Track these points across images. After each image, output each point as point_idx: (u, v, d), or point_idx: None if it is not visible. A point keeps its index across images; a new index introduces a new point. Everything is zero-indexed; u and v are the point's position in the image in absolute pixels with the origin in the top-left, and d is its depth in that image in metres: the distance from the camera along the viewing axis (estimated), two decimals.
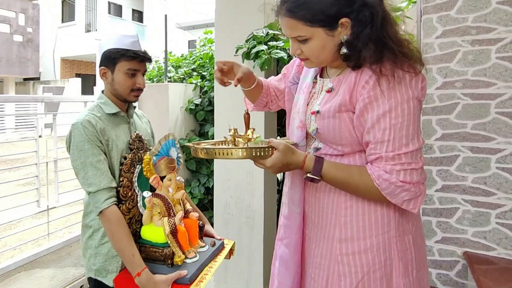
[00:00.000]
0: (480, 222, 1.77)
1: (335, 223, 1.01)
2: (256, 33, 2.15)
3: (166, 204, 1.27)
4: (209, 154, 0.97)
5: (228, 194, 2.41)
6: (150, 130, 1.60)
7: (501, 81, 1.73)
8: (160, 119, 2.83)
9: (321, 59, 1.00)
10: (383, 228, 0.96)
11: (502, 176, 1.73)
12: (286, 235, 1.12)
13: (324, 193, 1.03)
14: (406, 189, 0.88)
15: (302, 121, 1.07)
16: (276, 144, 0.97)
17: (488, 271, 1.63)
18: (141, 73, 1.39)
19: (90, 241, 1.32)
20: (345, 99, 0.95)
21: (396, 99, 0.88)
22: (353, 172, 0.95)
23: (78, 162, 1.27)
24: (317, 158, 0.97)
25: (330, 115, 0.97)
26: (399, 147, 0.88)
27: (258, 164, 1.00)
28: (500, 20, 1.72)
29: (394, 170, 0.88)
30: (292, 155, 0.97)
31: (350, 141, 0.97)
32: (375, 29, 0.91)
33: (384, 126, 0.89)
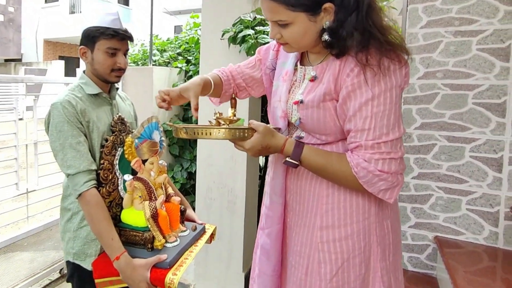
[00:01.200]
0: (451, 208, 1.80)
1: (316, 211, 0.98)
2: (243, 17, 2.09)
3: (148, 188, 1.23)
4: (189, 134, 0.94)
5: (211, 179, 2.36)
6: (133, 113, 1.54)
7: (480, 73, 1.74)
8: (144, 103, 2.75)
9: (301, 45, 0.95)
10: (364, 214, 0.94)
11: (474, 164, 1.75)
12: (267, 224, 1.09)
13: (306, 180, 1.01)
14: (383, 178, 0.86)
15: (284, 111, 1.03)
16: (256, 125, 0.93)
17: (456, 254, 1.67)
18: (122, 52, 1.32)
19: (69, 224, 1.27)
20: (329, 88, 0.91)
21: (380, 88, 0.85)
22: (332, 159, 0.92)
23: (57, 143, 1.20)
24: (297, 143, 0.94)
25: (314, 104, 0.93)
26: (379, 136, 0.85)
27: (238, 146, 0.96)
28: (482, 12, 1.72)
29: (373, 159, 0.85)
30: (272, 137, 0.94)
31: (335, 130, 0.94)
32: (360, 17, 0.86)
33: (366, 114, 0.85)
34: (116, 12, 1.32)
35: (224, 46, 2.21)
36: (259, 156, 0.98)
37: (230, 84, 1.22)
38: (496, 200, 1.70)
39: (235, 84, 1.23)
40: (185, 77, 3.10)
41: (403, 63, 0.88)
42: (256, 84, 1.23)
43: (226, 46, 2.18)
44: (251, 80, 1.22)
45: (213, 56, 2.32)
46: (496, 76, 1.70)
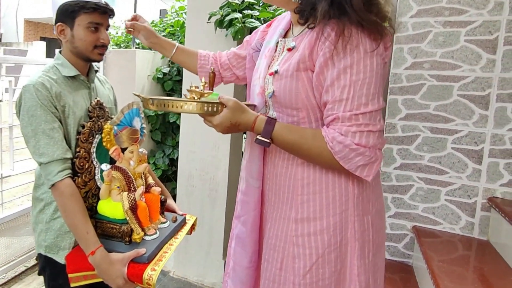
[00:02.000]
0: (430, 199, 1.78)
1: (291, 203, 0.91)
2: (231, 0, 1.97)
3: (127, 178, 1.13)
4: (156, 105, 0.88)
5: (193, 166, 2.28)
6: (112, 97, 1.42)
7: (466, 64, 1.70)
8: (126, 87, 2.61)
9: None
10: (340, 207, 0.87)
11: (455, 156, 1.73)
12: (243, 211, 1.02)
13: (281, 169, 0.93)
14: (360, 152, 0.78)
15: (262, 87, 0.96)
16: (225, 100, 0.86)
17: (433, 243, 1.66)
18: (104, 27, 1.20)
19: (41, 215, 1.16)
20: (304, 55, 0.84)
21: (359, 53, 0.77)
22: (306, 134, 0.85)
23: (28, 129, 1.09)
24: (268, 119, 0.87)
25: (288, 74, 0.86)
26: (358, 107, 0.78)
27: (206, 122, 0.89)
28: (472, 2, 1.66)
29: (350, 132, 0.78)
30: (242, 113, 0.86)
31: (307, 104, 0.86)
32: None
33: (344, 83, 0.78)
34: None
35: (210, 29, 2.09)
36: (227, 133, 0.91)
37: (208, 60, 1.20)
38: (474, 191, 1.69)
39: (219, 63, 1.20)
40: (169, 61, 2.97)
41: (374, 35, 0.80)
42: (241, 63, 1.18)
43: (212, 30, 2.07)
44: (236, 58, 1.18)
45: (198, 40, 2.20)
46: (482, 68, 1.66)
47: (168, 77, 2.82)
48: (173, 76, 2.82)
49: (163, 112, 2.50)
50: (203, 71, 1.23)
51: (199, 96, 0.90)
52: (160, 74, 2.78)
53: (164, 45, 1.25)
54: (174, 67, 2.83)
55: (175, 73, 2.82)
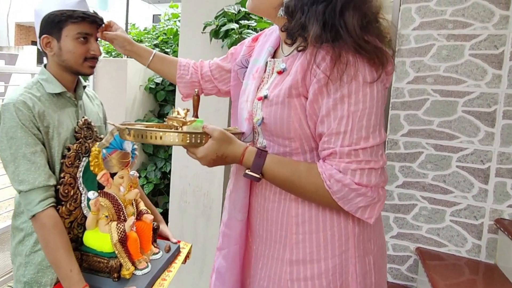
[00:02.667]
0: (435, 219, 1.71)
1: (285, 242, 0.82)
2: (227, 10, 1.89)
3: (116, 205, 1.03)
4: (134, 136, 0.77)
5: (186, 181, 2.18)
6: (102, 115, 1.32)
7: (471, 79, 1.63)
8: (117, 98, 2.50)
9: (256, 2, 0.83)
10: (340, 248, 0.78)
11: (461, 174, 1.66)
12: (224, 244, 0.92)
13: (273, 204, 0.83)
14: (361, 193, 0.70)
15: (250, 112, 0.86)
16: (210, 130, 0.76)
17: (438, 266, 1.59)
18: (94, 38, 1.10)
19: (21, 247, 1.05)
20: (296, 80, 0.75)
21: (357, 82, 0.69)
22: (300, 170, 0.76)
23: (7, 152, 0.98)
24: (258, 152, 0.78)
25: (279, 100, 0.77)
26: (357, 141, 0.69)
27: (190, 154, 0.79)
28: (477, 15, 1.60)
29: (349, 169, 0.69)
30: (229, 145, 0.77)
31: (300, 134, 0.77)
32: (330, 10, 0.70)
33: (341, 113, 0.70)
34: None
35: (205, 39, 2.00)
36: (213, 166, 0.81)
37: (188, 69, 1.12)
38: (480, 212, 1.62)
39: (200, 73, 1.12)
40: None
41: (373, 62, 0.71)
42: (224, 76, 1.10)
43: (207, 39, 1.98)
44: (219, 71, 1.10)
45: (192, 50, 2.11)
46: (488, 83, 1.60)
47: (160, 87, 2.72)
48: (165, 86, 2.71)
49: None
50: (182, 82, 1.14)
51: (181, 124, 0.81)
52: (153, 84, 2.68)
53: (140, 53, 1.16)
54: None
55: (168, 83, 2.71)
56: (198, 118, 0.87)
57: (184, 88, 1.15)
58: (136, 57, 1.17)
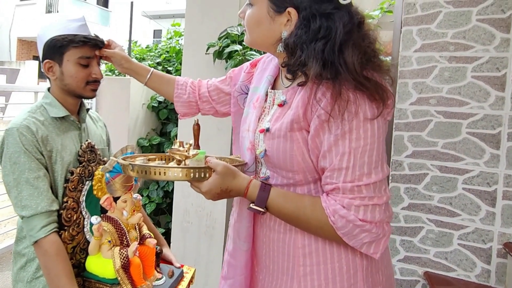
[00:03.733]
0: (442, 243, 1.70)
1: (292, 274, 0.81)
2: (230, 31, 1.93)
3: (119, 230, 1.04)
4: (137, 172, 0.78)
5: (189, 201, 2.18)
6: (106, 137, 1.33)
7: (475, 101, 1.65)
8: (119, 117, 2.53)
9: (253, 37, 0.84)
10: (348, 280, 0.78)
11: (467, 197, 1.66)
12: (230, 274, 0.92)
13: (279, 235, 0.84)
14: (366, 229, 0.71)
15: (252, 142, 0.87)
16: (214, 164, 0.77)
17: None
18: (95, 61, 1.13)
19: (22, 273, 1.05)
20: (298, 115, 0.76)
21: (358, 119, 0.70)
22: (304, 204, 0.76)
23: (10, 178, 1.00)
24: (262, 185, 0.79)
25: (281, 134, 0.78)
26: (360, 177, 0.70)
27: (194, 188, 0.80)
28: (478, 38, 1.63)
29: (353, 205, 0.70)
30: (233, 179, 0.78)
31: (303, 167, 0.78)
32: (329, 48, 0.71)
33: (343, 150, 0.71)
34: (83, 17, 1.14)
35: (208, 59, 2.04)
36: (218, 200, 0.82)
37: (185, 89, 1.13)
38: (489, 236, 1.61)
39: (198, 93, 1.13)
40: None
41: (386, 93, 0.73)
42: (222, 99, 1.12)
43: (210, 60, 2.01)
44: (217, 93, 1.12)
45: (196, 70, 2.14)
46: (491, 105, 1.62)
47: (163, 105, 2.76)
48: (168, 104, 2.75)
49: (145, 179, 2.41)
50: (179, 101, 1.15)
51: (184, 158, 0.82)
52: (155, 103, 2.72)
53: (138, 71, 1.17)
54: None
55: (170, 102, 2.74)
56: (199, 148, 0.89)
57: (181, 107, 1.16)
58: (134, 75, 1.19)
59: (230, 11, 2.06)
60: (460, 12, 1.68)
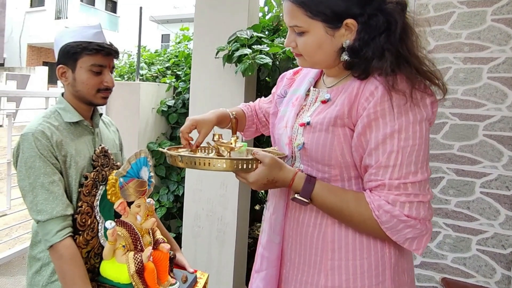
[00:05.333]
0: (460, 248, 1.67)
1: (319, 267, 0.84)
2: (239, 35, 1.94)
3: (133, 235, 1.05)
4: (186, 163, 0.82)
5: (199, 205, 2.19)
6: (118, 141, 1.35)
7: (491, 103, 1.63)
8: (129, 121, 2.55)
9: (315, 59, 0.86)
10: (377, 278, 0.80)
11: (485, 201, 1.63)
12: (263, 266, 0.95)
13: (308, 228, 0.86)
14: (410, 225, 0.73)
15: (290, 137, 0.90)
16: (261, 156, 0.80)
17: None
18: (108, 69, 1.14)
19: (37, 277, 1.07)
20: (343, 111, 0.79)
21: (408, 118, 0.73)
22: (348, 198, 0.79)
23: (26, 182, 1.02)
24: (308, 177, 0.82)
25: (323, 128, 0.82)
26: (406, 175, 0.73)
27: (240, 178, 0.83)
28: (494, 38, 1.61)
29: (398, 201, 0.73)
30: (280, 171, 0.81)
31: (341, 162, 0.81)
32: (393, 38, 0.77)
33: (391, 148, 0.73)
34: (99, 25, 1.15)
35: (217, 63, 2.05)
36: (263, 190, 0.87)
37: (253, 120, 1.18)
38: (508, 241, 1.58)
39: (257, 119, 1.17)
40: (174, 94, 2.93)
41: (434, 96, 0.78)
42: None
43: (219, 63, 2.03)
44: (268, 116, 1.14)
45: (205, 74, 2.16)
46: (509, 107, 1.59)
47: (172, 110, 2.78)
48: (178, 108, 2.77)
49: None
50: (248, 131, 1.20)
51: (229, 150, 0.86)
52: (165, 107, 2.74)
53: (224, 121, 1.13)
54: (179, 99, 2.79)
55: (180, 106, 2.77)
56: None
57: (249, 136, 1.22)
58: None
59: (239, 14, 2.07)
60: (475, 12, 1.66)
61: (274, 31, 2.28)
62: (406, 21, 0.80)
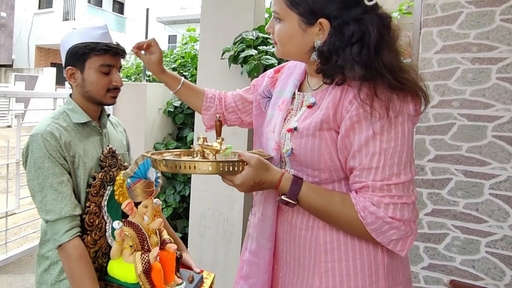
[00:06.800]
0: (469, 250, 1.65)
1: (313, 270, 0.84)
2: (245, 36, 1.95)
3: (140, 235, 1.06)
4: (170, 167, 0.79)
5: (205, 205, 2.20)
6: (125, 142, 1.37)
7: (500, 103, 1.61)
8: (136, 122, 2.58)
9: (286, 50, 0.87)
10: (370, 278, 0.80)
11: (494, 203, 1.61)
12: (252, 273, 0.94)
13: (300, 231, 0.86)
14: (395, 226, 0.74)
15: (277, 142, 0.90)
16: (247, 158, 0.80)
17: None
18: (116, 69, 1.16)
19: (46, 276, 1.08)
20: (328, 115, 0.80)
21: (389, 119, 0.74)
22: (334, 199, 0.79)
23: (35, 182, 1.03)
24: (295, 179, 0.82)
25: (310, 133, 0.82)
26: (389, 177, 0.74)
27: (226, 181, 0.83)
28: (503, 38, 1.60)
29: (382, 203, 0.73)
30: (266, 172, 0.80)
31: (330, 165, 0.81)
32: (366, 51, 0.75)
33: (373, 150, 0.74)
34: (105, 25, 1.17)
35: (223, 64, 2.06)
36: (250, 192, 0.85)
37: (214, 101, 1.17)
38: None
39: (224, 104, 1.16)
40: None
41: (416, 98, 0.76)
42: (246, 107, 1.14)
43: (226, 64, 2.04)
44: (242, 102, 1.14)
45: (211, 75, 2.17)
46: None
47: (179, 110, 2.80)
48: (184, 109, 2.79)
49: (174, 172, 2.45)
50: (207, 114, 1.18)
51: (214, 152, 0.84)
52: (171, 108, 2.76)
53: (169, 79, 1.20)
54: None
55: (186, 107, 2.79)
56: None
57: (208, 119, 1.19)
58: (165, 83, 1.21)
59: (244, 16, 2.08)
60: (483, 12, 1.65)
61: None
62: (385, 33, 0.78)
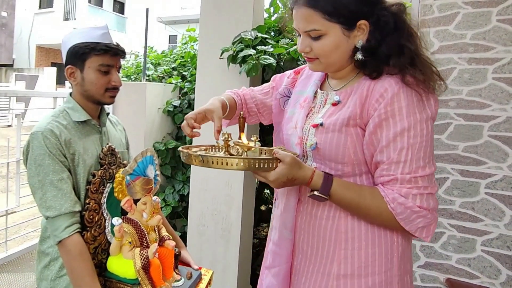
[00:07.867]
0: (465, 249, 1.67)
1: (332, 256, 0.89)
2: (244, 36, 1.96)
3: (139, 232, 1.07)
4: (205, 163, 0.81)
5: (204, 204, 2.21)
6: (125, 140, 1.38)
7: (496, 103, 1.63)
8: (136, 121, 2.59)
9: (331, 61, 0.89)
10: (386, 265, 0.86)
11: (490, 202, 1.63)
12: (275, 263, 0.99)
13: (321, 221, 0.91)
14: (422, 215, 0.80)
15: (300, 137, 0.95)
16: (282, 156, 0.83)
17: None
18: (115, 69, 1.18)
19: (46, 272, 1.10)
20: (355, 112, 0.85)
21: (415, 117, 0.80)
22: (364, 193, 0.85)
23: (35, 179, 1.05)
24: (326, 175, 0.86)
25: (336, 128, 0.87)
26: (416, 170, 0.80)
27: (259, 177, 0.86)
28: (499, 39, 1.62)
29: (411, 194, 0.79)
30: (299, 169, 0.85)
31: (353, 159, 0.87)
32: (405, 36, 0.84)
33: (401, 145, 0.80)
34: (105, 26, 1.19)
35: (222, 64, 2.08)
36: (282, 188, 0.92)
37: (242, 108, 1.17)
38: None
39: (246, 108, 1.17)
40: (180, 94, 2.96)
41: (436, 95, 0.85)
42: (267, 111, 1.18)
43: (225, 64, 2.05)
44: (262, 106, 1.17)
45: (210, 74, 2.18)
46: None
47: (178, 110, 2.81)
48: (183, 108, 2.80)
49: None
50: (235, 119, 1.16)
51: (246, 149, 0.87)
52: (171, 107, 2.77)
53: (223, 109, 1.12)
54: (185, 99, 2.82)
55: (186, 106, 2.80)
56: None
57: (232, 124, 1.18)
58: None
59: (243, 16, 2.09)
60: (480, 13, 1.67)
61: (279, 32, 2.30)
62: (409, 23, 0.86)
